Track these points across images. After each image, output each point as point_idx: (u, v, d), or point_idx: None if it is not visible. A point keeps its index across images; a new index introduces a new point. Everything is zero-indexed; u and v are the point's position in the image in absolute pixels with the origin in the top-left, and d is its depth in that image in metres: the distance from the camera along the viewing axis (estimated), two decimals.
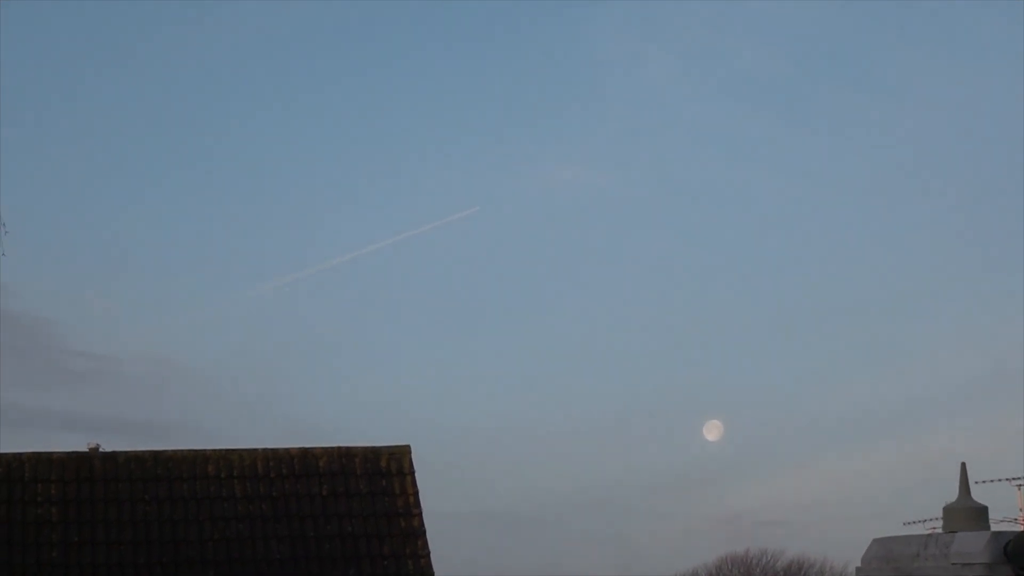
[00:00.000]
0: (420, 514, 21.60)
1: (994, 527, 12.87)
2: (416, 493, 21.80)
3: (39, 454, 21.48)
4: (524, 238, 65.92)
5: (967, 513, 11.80)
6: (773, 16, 63.94)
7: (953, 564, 11.30)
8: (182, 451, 21.83)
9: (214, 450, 21.89)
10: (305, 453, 22.07)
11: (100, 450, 21.90)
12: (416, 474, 22.04)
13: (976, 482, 25.42)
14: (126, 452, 21.76)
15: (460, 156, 65.77)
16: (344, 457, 22.09)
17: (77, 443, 22.49)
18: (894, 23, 63.90)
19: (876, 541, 12.03)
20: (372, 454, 22.20)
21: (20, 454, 21.46)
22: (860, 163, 66.73)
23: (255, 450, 22.00)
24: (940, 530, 12.41)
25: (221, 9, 60.29)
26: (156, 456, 21.67)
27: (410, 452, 22.30)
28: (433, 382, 61.37)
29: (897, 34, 64.16)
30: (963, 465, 11.64)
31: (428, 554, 21.17)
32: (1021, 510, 28.81)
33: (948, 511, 11.94)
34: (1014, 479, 29.27)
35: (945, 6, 62.29)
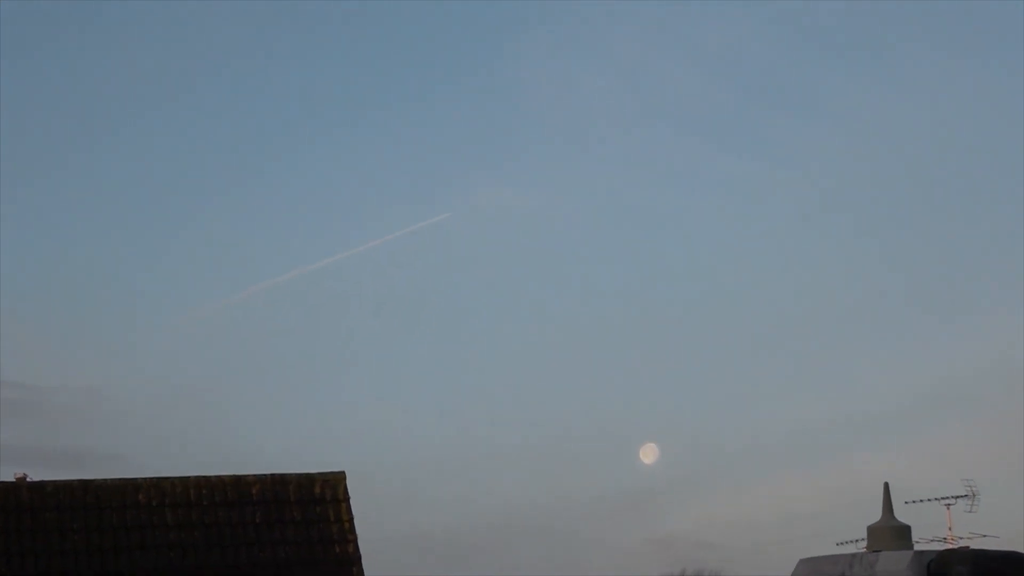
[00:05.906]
0: (355, 540, 21.49)
1: (924, 547, 13.08)
2: (351, 519, 21.68)
3: None
4: (458, 261, 65.80)
5: (890, 532, 11.99)
6: (706, 38, 64.48)
7: None
8: (112, 480, 21.54)
9: (145, 478, 21.63)
10: (238, 480, 21.88)
11: (27, 479, 21.58)
12: (351, 500, 21.95)
13: (906, 502, 25.71)
14: (54, 481, 21.45)
15: (388, 180, 65.45)
16: (278, 484, 21.93)
17: (3, 473, 22.10)
18: (829, 45, 64.68)
19: (803, 561, 12.18)
20: (306, 481, 22.05)
21: None
22: (789, 187, 67.30)
23: (187, 478, 21.77)
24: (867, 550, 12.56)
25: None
26: (85, 485, 21.37)
27: (345, 479, 22.16)
28: (368, 406, 60.95)
29: (832, 57, 64.93)
30: (886, 485, 11.84)
31: None
32: (950, 529, 29.17)
33: (872, 531, 12.12)
34: (942, 499, 29.60)
35: (891, 30, 63.12)
